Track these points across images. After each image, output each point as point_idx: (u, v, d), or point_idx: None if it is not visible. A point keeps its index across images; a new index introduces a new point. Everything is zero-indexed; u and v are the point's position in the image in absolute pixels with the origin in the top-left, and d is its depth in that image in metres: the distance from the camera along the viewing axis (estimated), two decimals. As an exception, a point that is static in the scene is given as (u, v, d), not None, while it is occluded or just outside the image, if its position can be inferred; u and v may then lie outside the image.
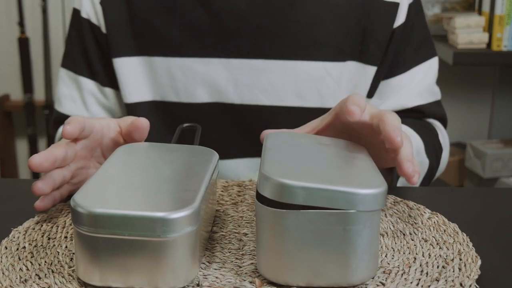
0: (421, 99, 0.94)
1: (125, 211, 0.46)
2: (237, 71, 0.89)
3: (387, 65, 0.92)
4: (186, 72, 0.89)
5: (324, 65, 0.90)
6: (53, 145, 0.63)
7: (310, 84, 0.89)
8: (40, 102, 2.24)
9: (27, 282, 0.50)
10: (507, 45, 1.88)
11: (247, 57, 0.89)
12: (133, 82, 0.91)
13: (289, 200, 0.47)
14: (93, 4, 0.91)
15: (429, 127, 0.93)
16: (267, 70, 0.89)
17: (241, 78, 0.89)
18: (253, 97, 0.89)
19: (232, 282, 0.50)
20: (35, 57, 2.23)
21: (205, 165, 0.57)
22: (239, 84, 0.89)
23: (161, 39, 0.89)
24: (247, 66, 0.89)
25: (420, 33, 0.95)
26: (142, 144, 0.63)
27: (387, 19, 0.90)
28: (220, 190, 0.71)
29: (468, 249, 0.56)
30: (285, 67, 0.89)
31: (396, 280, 0.51)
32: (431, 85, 0.96)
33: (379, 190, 0.48)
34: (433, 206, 0.66)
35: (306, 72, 0.89)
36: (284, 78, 0.89)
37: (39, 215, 0.63)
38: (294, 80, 0.89)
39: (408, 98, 0.93)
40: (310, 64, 0.89)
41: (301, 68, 0.89)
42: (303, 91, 0.89)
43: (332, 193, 0.47)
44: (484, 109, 2.31)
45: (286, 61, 0.89)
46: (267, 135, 0.61)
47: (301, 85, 0.89)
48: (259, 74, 0.89)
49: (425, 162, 0.86)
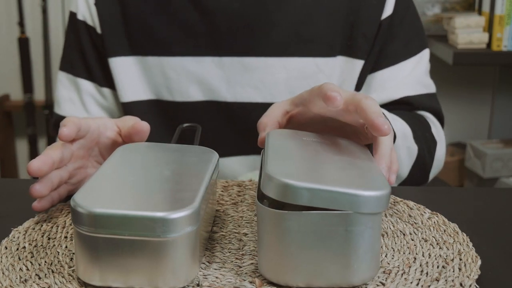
0: (409, 90, 0.92)
1: (125, 211, 0.46)
2: (229, 69, 0.90)
3: (374, 58, 0.92)
4: (179, 71, 0.90)
5: (315, 61, 0.90)
6: (49, 147, 0.62)
7: (302, 80, 0.90)
8: (40, 102, 2.24)
9: (27, 282, 0.50)
10: (507, 45, 1.88)
11: (239, 55, 0.89)
12: (128, 81, 0.92)
13: (293, 201, 0.47)
14: (88, 6, 0.92)
15: (419, 117, 0.91)
16: (259, 68, 0.89)
17: (234, 76, 0.90)
18: (246, 94, 0.90)
19: (232, 282, 0.50)
20: (35, 57, 2.23)
21: (205, 165, 0.57)
22: (232, 82, 0.90)
23: (154, 38, 0.90)
24: (239, 64, 0.89)
25: (410, 26, 0.94)
26: (142, 144, 0.63)
27: (374, 12, 0.91)
28: (220, 190, 0.71)
29: (468, 249, 0.56)
30: (276, 64, 0.90)
31: (396, 280, 0.51)
32: (421, 77, 0.94)
33: (383, 193, 0.47)
34: (433, 206, 0.66)
35: (298, 69, 0.90)
36: (276, 75, 0.90)
37: (39, 215, 0.63)
38: (286, 77, 0.90)
39: (395, 91, 0.92)
40: (302, 60, 0.90)
41: (293, 65, 0.90)
42: (295, 87, 0.90)
43: (336, 194, 0.47)
44: (484, 109, 2.31)
45: (278, 58, 0.90)
46: (269, 133, 0.61)
47: (293, 82, 0.90)
48: (251, 72, 0.90)
49: (414, 148, 0.84)
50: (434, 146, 0.90)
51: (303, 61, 0.90)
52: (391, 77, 0.92)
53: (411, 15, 0.95)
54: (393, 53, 0.93)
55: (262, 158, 0.59)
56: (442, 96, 0.99)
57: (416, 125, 0.87)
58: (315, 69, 0.90)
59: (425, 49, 0.95)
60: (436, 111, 0.95)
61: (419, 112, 0.94)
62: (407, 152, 0.83)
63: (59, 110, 0.96)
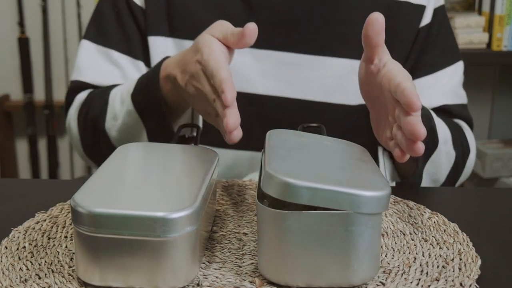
0: (447, 99, 0.94)
1: (125, 211, 0.46)
2: (265, 62, 0.90)
3: (411, 65, 0.93)
4: None
5: (351, 63, 0.91)
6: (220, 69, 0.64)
7: (336, 80, 0.90)
8: (40, 102, 2.24)
9: (27, 282, 0.50)
10: (507, 45, 1.88)
11: (276, 49, 0.90)
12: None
13: (293, 200, 0.47)
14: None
15: (456, 125, 0.93)
16: (295, 64, 0.90)
17: (269, 69, 0.90)
18: (278, 88, 0.91)
19: (232, 282, 0.50)
20: (35, 57, 2.24)
21: (205, 165, 0.57)
22: (266, 74, 0.90)
23: (194, 24, 0.91)
24: (275, 58, 0.90)
25: (446, 37, 0.96)
26: (142, 144, 0.63)
27: (413, 19, 0.92)
28: (220, 190, 0.71)
29: (468, 249, 0.56)
30: (313, 62, 0.90)
31: (396, 280, 0.51)
32: (456, 88, 0.96)
33: (383, 193, 0.48)
34: (433, 206, 0.66)
35: (333, 68, 0.90)
36: (311, 73, 0.90)
37: (39, 215, 0.63)
38: (321, 76, 0.90)
39: (434, 98, 0.93)
40: (338, 60, 0.91)
41: (329, 64, 0.90)
42: (328, 86, 0.90)
43: (336, 194, 0.47)
44: (484, 109, 2.31)
45: (315, 56, 0.90)
46: (269, 132, 0.62)
47: (327, 80, 0.90)
48: (287, 67, 0.90)
49: (452, 153, 0.86)
50: (468, 154, 0.92)
51: (339, 61, 0.91)
52: (429, 85, 0.93)
53: (447, 26, 0.96)
54: (431, 61, 0.94)
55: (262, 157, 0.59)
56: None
57: (456, 130, 0.89)
58: (350, 70, 0.90)
59: (459, 61, 0.97)
60: (469, 120, 0.97)
61: (455, 120, 0.95)
62: (446, 157, 0.84)
63: (80, 76, 0.95)
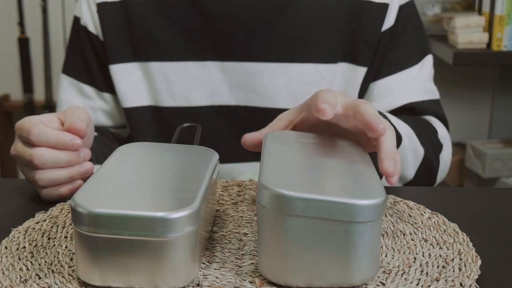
0: (411, 96, 0.92)
1: (125, 211, 0.46)
2: (231, 74, 0.90)
3: (377, 66, 0.91)
4: (182, 75, 0.90)
5: (317, 67, 0.90)
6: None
7: (303, 86, 0.90)
8: (40, 102, 2.24)
9: (27, 282, 0.50)
10: (507, 45, 1.88)
11: (241, 60, 0.90)
12: (130, 87, 0.92)
13: (288, 211, 0.47)
14: (91, 13, 0.93)
15: (423, 121, 0.91)
16: (260, 73, 0.89)
17: (236, 80, 0.90)
18: (248, 99, 0.90)
19: (232, 282, 0.50)
20: (35, 57, 2.23)
21: (205, 165, 0.57)
22: (234, 86, 0.90)
23: (157, 44, 0.91)
24: (241, 69, 0.90)
25: (412, 35, 0.93)
26: (142, 144, 0.63)
27: (376, 21, 0.90)
28: (220, 190, 0.71)
29: (468, 249, 0.56)
30: (278, 69, 0.89)
31: (396, 280, 0.51)
32: (424, 83, 0.94)
33: (377, 201, 0.47)
34: (433, 206, 0.66)
35: (299, 75, 0.90)
36: (277, 81, 0.90)
37: (39, 215, 0.63)
38: (288, 83, 0.90)
39: (398, 97, 0.92)
40: (303, 66, 0.90)
41: (294, 71, 0.90)
42: (296, 93, 0.89)
43: (330, 204, 0.46)
44: (484, 109, 2.30)
45: (279, 64, 0.90)
46: (267, 134, 0.61)
47: (295, 87, 0.90)
48: (253, 77, 0.90)
49: (420, 150, 0.83)
50: (440, 149, 0.90)
51: (304, 67, 0.90)
52: (393, 85, 0.92)
53: (413, 24, 0.94)
54: (395, 61, 0.92)
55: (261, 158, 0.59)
56: (442, 96, 0.99)
57: (420, 128, 0.86)
58: (317, 75, 0.90)
59: (427, 55, 0.95)
60: (440, 117, 0.94)
61: (423, 116, 0.93)
62: (413, 153, 0.82)
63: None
